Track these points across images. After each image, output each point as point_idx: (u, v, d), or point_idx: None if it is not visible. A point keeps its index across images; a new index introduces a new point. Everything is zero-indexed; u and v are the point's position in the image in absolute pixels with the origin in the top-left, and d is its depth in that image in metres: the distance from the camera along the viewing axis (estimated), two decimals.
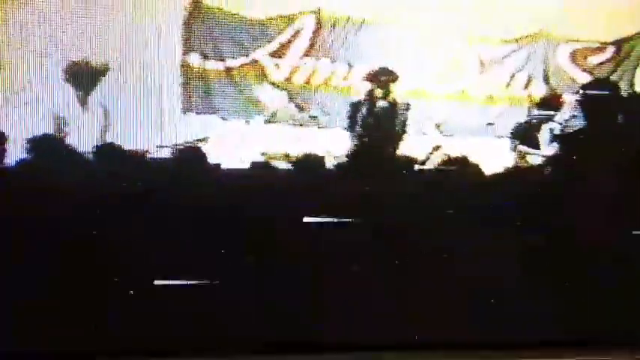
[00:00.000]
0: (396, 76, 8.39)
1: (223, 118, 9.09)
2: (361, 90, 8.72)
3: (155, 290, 5.27)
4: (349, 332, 5.34)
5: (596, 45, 9.93)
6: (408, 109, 8.37)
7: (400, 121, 8.35)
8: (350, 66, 9.35)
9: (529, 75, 9.78)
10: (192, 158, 6.30)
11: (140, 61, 8.66)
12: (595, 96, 6.53)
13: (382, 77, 8.37)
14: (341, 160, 7.45)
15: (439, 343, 5.22)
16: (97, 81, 8.48)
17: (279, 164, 7.56)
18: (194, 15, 9.07)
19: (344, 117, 8.59)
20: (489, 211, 5.69)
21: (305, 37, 9.37)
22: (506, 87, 9.72)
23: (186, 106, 8.99)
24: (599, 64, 9.94)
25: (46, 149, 5.94)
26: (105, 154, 6.33)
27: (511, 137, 8.44)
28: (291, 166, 6.95)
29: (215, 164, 6.50)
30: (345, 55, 9.40)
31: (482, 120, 9.45)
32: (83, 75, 8.44)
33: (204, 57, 9.08)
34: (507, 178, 6.41)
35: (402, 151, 8.18)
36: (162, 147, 8.16)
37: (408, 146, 8.30)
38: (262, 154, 8.08)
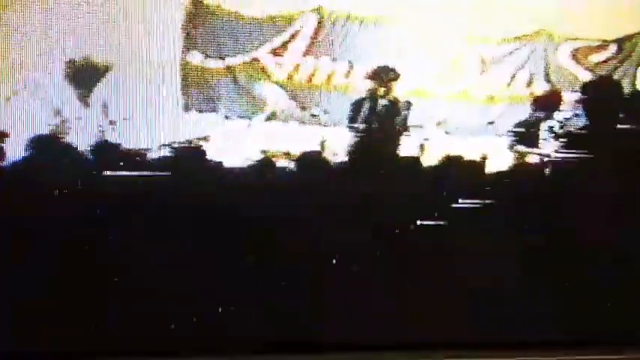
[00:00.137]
0: (397, 75, 8.39)
1: (224, 117, 9.09)
2: (362, 88, 8.72)
3: (155, 290, 5.27)
4: (349, 332, 5.33)
5: (598, 43, 9.92)
6: (409, 107, 8.37)
7: (401, 119, 8.34)
8: (351, 64, 9.35)
9: (530, 74, 9.78)
10: (193, 157, 6.30)
11: (140, 60, 8.66)
12: (596, 95, 6.51)
13: (383, 76, 8.36)
14: (342, 157, 7.46)
15: (439, 343, 5.22)
16: (97, 79, 8.49)
17: (280, 162, 7.56)
18: (194, 13, 9.08)
19: (345, 115, 8.58)
20: (489, 211, 5.68)
21: (306, 36, 9.36)
22: (508, 86, 9.72)
23: (187, 104, 9.00)
24: (601, 62, 9.92)
25: (45, 148, 5.94)
26: (105, 152, 6.33)
27: (510, 136, 8.43)
28: (292, 164, 6.95)
29: (216, 162, 6.50)
30: (346, 53, 9.40)
31: (483, 119, 9.45)
32: (83, 73, 8.44)
33: (204, 55, 9.08)
34: (507, 177, 6.40)
35: (403, 150, 8.17)
36: (162, 145, 8.15)
37: (409, 145, 8.30)
38: (263, 152, 8.07)
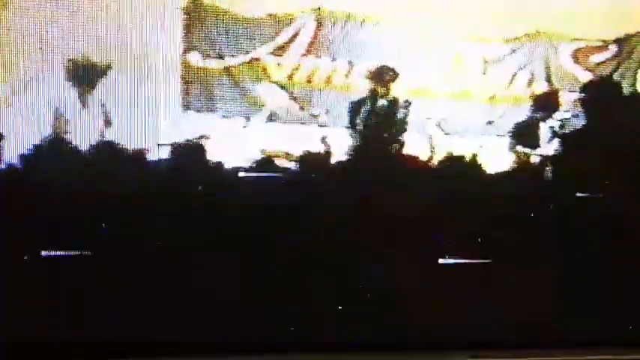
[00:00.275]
0: (397, 74, 8.38)
1: (224, 117, 9.08)
2: (362, 88, 8.71)
3: (155, 290, 5.26)
4: (349, 332, 5.33)
5: (598, 44, 9.91)
6: (409, 106, 8.35)
7: (401, 118, 8.33)
8: (351, 64, 9.34)
9: (531, 74, 9.77)
10: (192, 156, 6.29)
11: (140, 60, 8.66)
12: (596, 95, 6.51)
13: (383, 75, 8.35)
14: (342, 157, 7.45)
15: (439, 343, 5.21)
16: (97, 79, 8.48)
17: (280, 162, 7.54)
18: (194, 13, 9.07)
19: (345, 115, 8.57)
20: (490, 210, 5.68)
21: (306, 36, 9.36)
22: (508, 86, 9.72)
23: (187, 104, 8.99)
24: (601, 62, 9.92)
25: (45, 147, 5.94)
26: (104, 152, 6.32)
27: (510, 136, 8.42)
28: (292, 164, 6.95)
29: (215, 162, 6.49)
30: (346, 53, 9.39)
31: (484, 119, 9.44)
32: (83, 73, 8.44)
33: (204, 55, 9.07)
34: (508, 177, 6.40)
35: (403, 149, 8.16)
36: (162, 145, 8.14)
37: (409, 144, 8.29)
38: (262, 152, 8.06)
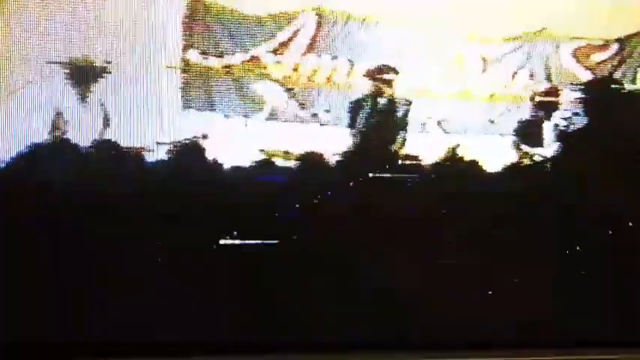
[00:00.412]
0: (397, 73, 8.36)
1: (224, 115, 9.08)
2: (363, 87, 8.69)
3: (155, 290, 5.26)
4: (349, 332, 5.32)
5: (600, 42, 9.91)
6: (409, 105, 8.34)
7: (401, 118, 8.32)
8: (351, 63, 9.34)
9: (531, 73, 9.77)
10: (191, 155, 6.28)
11: (140, 58, 8.65)
12: (597, 94, 6.50)
13: (383, 74, 8.34)
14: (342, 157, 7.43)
15: (438, 343, 5.21)
16: (96, 78, 8.48)
17: (279, 162, 7.54)
18: (194, 12, 9.06)
19: (345, 114, 8.55)
20: (491, 209, 5.68)
21: (306, 34, 9.35)
22: (508, 85, 9.71)
23: (186, 103, 8.99)
24: (602, 61, 9.91)
25: (44, 146, 5.93)
26: (104, 151, 6.31)
27: (513, 135, 8.41)
28: (291, 163, 6.93)
29: (215, 161, 6.48)
30: (346, 52, 9.39)
31: (484, 118, 9.44)
32: (82, 72, 8.43)
33: (203, 54, 9.07)
34: (509, 176, 6.39)
35: (404, 149, 8.15)
36: (161, 144, 8.14)
37: (410, 144, 8.28)
38: (261, 151, 8.05)
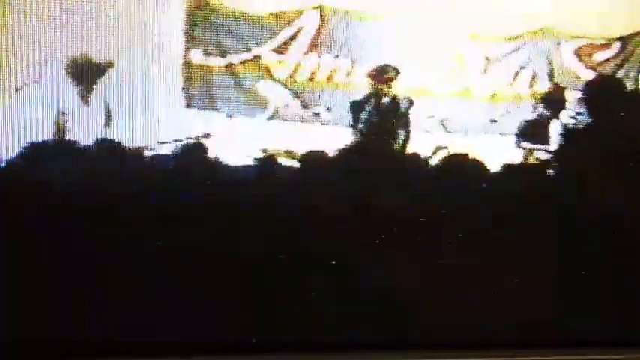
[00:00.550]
0: (398, 72, 8.37)
1: (226, 115, 9.09)
2: (364, 86, 8.70)
3: (155, 290, 5.25)
4: (349, 332, 5.31)
5: (602, 42, 9.90)
6: (411, 104, 8.35)
7: (403, 117, 8.32)
8: (353, 62, 9.34)
9: (533, 72, 9.76)
10: (193, 154, 6.29)
11: (142, 57, 8.66)
12: (599, 93, 6.49)
13: (385, 74, 8.34)
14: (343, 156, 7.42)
15: (438, 343, 5.20)
16: (98, 77, 8.48)
17: (282, 161, 7.54)
18: (196, 11, 9.07)
19: (347, 114, 8.56)
20: (492, 209, 5.66)
21: (308, 34, 9.35)
22: (510, 84, 9.71)
23: (188, 102, 9.00)
24: (604, 61, 9.90)
25: (45, 145, 5.93)
26: (105, 150, 6.32)
27: (517, 135, 8.41)
28: (294, 162, 6.94)
29: (217, 161, 6.48)
30: (348, 51, 9.39)
31: (486, 118, 9.44)
32: (85, 71, 8.44)
33: (206, 53, 9.08)
34: (510, 176, 6.37)
35: (405, 148, 8.16)
36: (163, 143, 8.15)
37: (412, 143, 8.28)
38: (264, 150, 8.07)
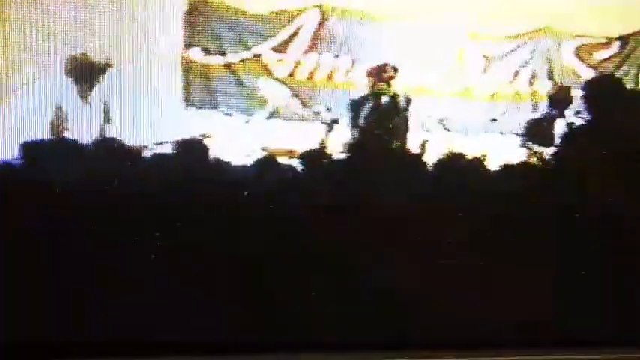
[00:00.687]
0: (396, 71, 8.37)
1: (225, 114, 9.08)
2: (364, 85, 8.69)
3: (155, 290, 5.25)
4: (350, 332, 5.32)
5: (602, 41, 9.90)
6: (409, 102, 8.35)
7: (403, 116, 8.33)
8: (353, 61, 9.34)
9: (533, 71, 9.76)
10: (193, 154, 6.28)
11: (141, 56, 8.65)
12: (599, 92, 6.49)
13: (385, 73, 8.35)
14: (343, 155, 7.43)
15: (438, 343, 5.20)
16: (97, 76, 8.47)
17: (282, 160, 7.53)
18: (196, 9, 9.06)
19: (347, 112, 8.56)
20: (492, 209, 5.66)
21: (308, 32, 9.35)
22: (510, 83, 9.71)
23: (188, 101, 8.99)
24: (605, 59, 9.90)
25: (44, 145, 5.93)
26: (104, 149, 6.31)
27: (521, 134, 8.40)
28: (293, 162, 6.93)
29: (217, 160, 6.47)
30: (348, 50, 9.39)
31: (486, 117, 9.44)
32: (84, 70, 8.43)
33: (205, 52, 9.07)
34: (511, 175, 6.37)
35: (406, 147, 8.15)
36: (163, 142, 8.13)
37: (411, 142, 8.29)
38: (263, 149, 8.06)
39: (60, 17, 8.48)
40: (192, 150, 6.46)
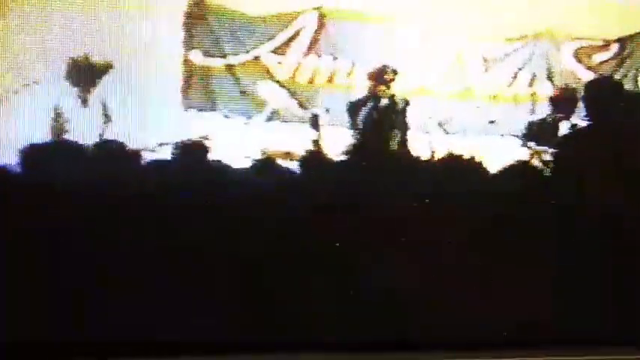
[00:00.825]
0: (396, 73, 8.37)
1: (225, 116, 9.08)
2: (363, 87, 8.69)
3: (155, 290, 5.24)
4: (349, 332, 5.31)
5: (601, 43, 9.91)
6: (408, 105, 8.35)
7: (402, 118, 8.33)
8: (352, 63, 9.34)
9: (533, 73, 9.77)
10: (193, 156, 6.28)
11: (142, 58, 8.66)
12: (598, 94, 6.49)
13: (384, 75, 8.34)
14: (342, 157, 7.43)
15: (437, 343, 5.19)
16: (98, 78, 8.47)
17: (281, 162, 7.53)
18: (196, 12, 9.07)
19: (346, 115, 8.55)
20: (492, 209, 5.66)
21: (307, 35, 9.35)
22: (510, 85, 9.71)
23: (188, 103, 8.99)
24: (604, 62, 9.92)
25: (44, 146, 5.92)
26: (104, 151, 6.31)
27: (523, 135, 8.39)
28: (292, 164, 6.93)
29: (216, 162, 6.47)
30: (347, 52, 9.39)
31: (485, 118, 9.43)
32: (84, 72, 8.43)
33: (206, 54, 9.07)
34: (511, 176, 6.37)
35: (405, 149, 8.15)
36: (163, 144, 8.13)
37: (411, 144, 8.29)
38: (263, 152, 8.05)
39: (60, 19, 8.49)
40: (192, 151, 6.46)
